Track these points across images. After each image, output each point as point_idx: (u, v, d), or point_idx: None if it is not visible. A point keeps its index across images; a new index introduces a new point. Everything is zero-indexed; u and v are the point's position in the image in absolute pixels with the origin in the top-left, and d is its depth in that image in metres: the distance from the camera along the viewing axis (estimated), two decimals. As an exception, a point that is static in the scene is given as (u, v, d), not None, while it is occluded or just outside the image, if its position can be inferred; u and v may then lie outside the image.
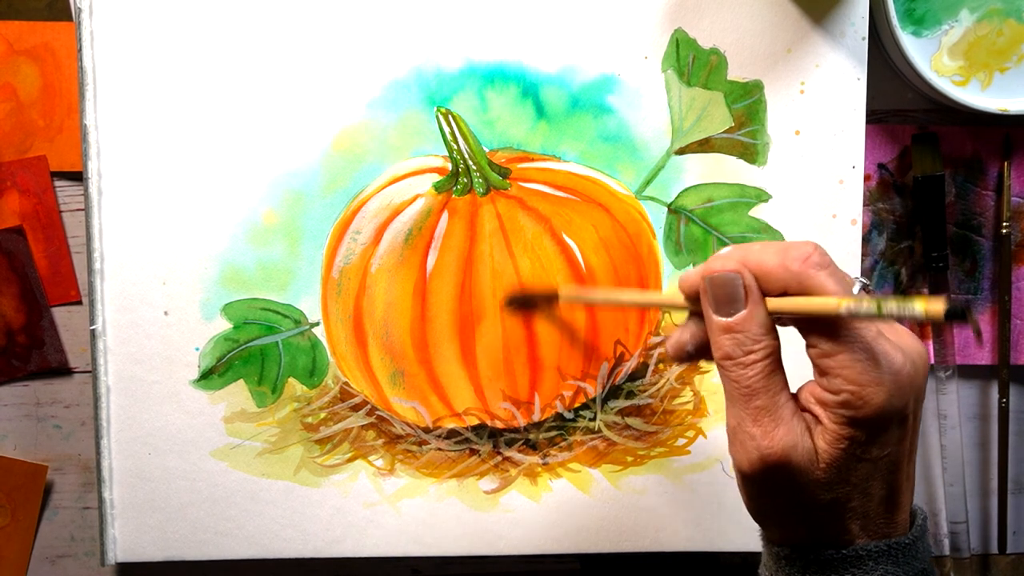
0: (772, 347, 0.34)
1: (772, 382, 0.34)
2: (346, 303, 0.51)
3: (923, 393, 0.34)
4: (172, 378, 0.51)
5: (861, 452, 0.33)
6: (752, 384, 0.34)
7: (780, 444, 0.33)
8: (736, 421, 0.35)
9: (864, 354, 0.32)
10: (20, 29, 0.52)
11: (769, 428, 0.34)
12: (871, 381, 0.32)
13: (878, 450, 0.33)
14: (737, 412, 0.35)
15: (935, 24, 0.51)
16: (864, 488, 0.34)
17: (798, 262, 0.33)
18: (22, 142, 0.52)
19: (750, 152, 0.52)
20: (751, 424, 0.34)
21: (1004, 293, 0.55)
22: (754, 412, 0.34)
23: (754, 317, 0.34)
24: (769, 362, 0.34)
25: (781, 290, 0.34)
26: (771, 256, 0.34)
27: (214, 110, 0.50)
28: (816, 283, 0.33)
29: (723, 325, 0.35)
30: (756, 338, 0.34)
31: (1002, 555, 0.57)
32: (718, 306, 0.35)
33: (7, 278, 0.53)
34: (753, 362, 0.34)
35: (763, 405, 0.34)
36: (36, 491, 0.54)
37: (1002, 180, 0.54)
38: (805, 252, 0.34)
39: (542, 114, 0.51)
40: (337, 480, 0.52)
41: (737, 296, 0.34)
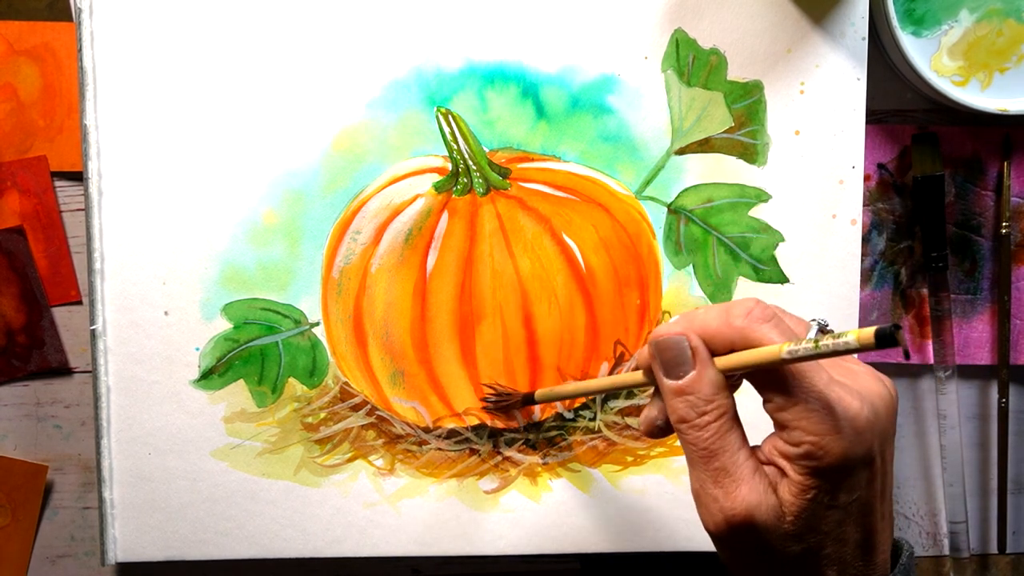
0: (725, 406, 0.34)
1: (728, 441, 0.34)
2: (346, 303, 0.51)
3: (889, 433, 0.34)
4: (172, 378, 0.51)
5: (829, 500, 0.33)
6: (709, 446, 0.34)
7: (743, 504, 0.33)
8: (698, 484, 0.35)
9: (818, 403, 0.32)
10: (20, 29, 0.52)
11: (731, 489, 0.34)
12: (828, 430, 0.32)
13: (846, 496, 0.33)
14: (698, 475, 0.35)
15: (935, 24, 0.51)
16: (837, 535, 0.34)
17: (740, 318, 0.34)
18: (22, 142, 0.52)
19: (750, 152, 0.52)
20: (712, 486, 0.34)
21: (1004, 293, 0.55)
22: (714, 473, 0.34)
23: (703, 377, 0.34)
24: (724, 421, 0.34)
25: (728, 348, 0.34)
26: (714, 316, 0.34)
27: (214, 110, 0.50)
28: (759, 336, 0.33)
29: (674, 388, 0.35)
30: (708, 398, 0.34)
31: (1002, 555, 0.57)
32: (668, 369, 0.35)
33: (7, 278, 0.53)
34: (707, 423, 0.34)
35: (722, 466, 0.34)
36: (36, 491, 0.54)
37: (1002, 180, 0.54)
38: (746, 307, 0.34)
39: (542, 114, 0.51)
40: (337, 480, 0.52)
41: (684, 358, 0.34)
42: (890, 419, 0.34)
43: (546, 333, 0.51)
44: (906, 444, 0.56)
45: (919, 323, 0.55)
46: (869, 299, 0.55)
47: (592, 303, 0.52)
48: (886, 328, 0.28)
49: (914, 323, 0.55)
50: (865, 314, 0.54)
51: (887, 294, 0.55)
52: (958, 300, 0.55)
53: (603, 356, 0.52)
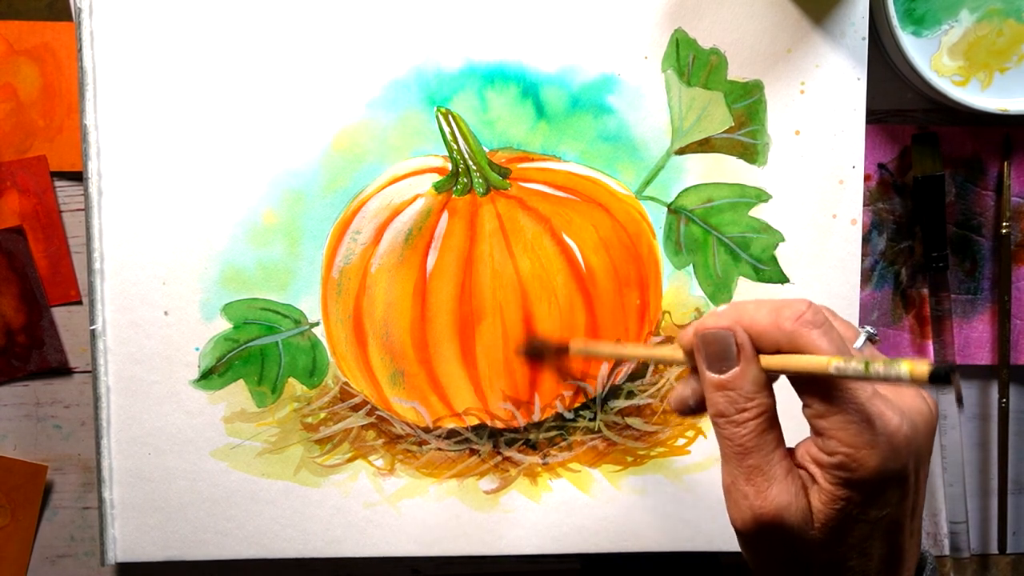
0: (766, 405, 0.34)
1: (765, 440, 0.34)
2: (346, 303, 0.51)
3: (926, 452, 0.34)
4: (172, 378, 0.51)
5: (858, 513, 0.33)
6: (745, 443, 0.34)
7: (773, 503, 0.33)
8: (730, 479, 0.35)
9: (858, 415, 0.32)
10: (20, 29, 0.52)
11: (762, 487, 0.33)
12: (865, 444, 0.32)
13: (876, 511, 0.33)
14: (731, 470, 0.34)
15: (935, 24, 0.51)
16: (862, 549, 0.33)
17: (790, 320, 0.33)
18: (22, 142, 0.52)
19: (750, 152, 0.52)
20: (744, 483, 0.34)
21: (1004, 293, 0.55)
22: (747, 471, 0.34)
23: (747, 374, 0.34)
24: (763, 420, 0.34)
25: (774, 348, 0.34)
26: (764, 314, 0.34)
27: (214, 110, 0.50)
28: (807, 342, 0.33)
29: (716, 382, 0.34)
30: (749, 396, 0.34)
31: (1002, 555, 0.57)
32: (711, 363, 0.35)
33: (7, 278, 0.53)
34: (746, 420, 0.34)
35: (756, 464, 0.34)
36: (36, 491, 0.54)
37: (1002, 180, 0.54)
38: (798, 310, 0.33)
39: (542, 114, 0.51)
40: (337, 480, 0.52)
41: (729, 353, 0.34)
42: (928, 438, 0.34)
43: (546, 333, 0.51)
44: (906, 444, 0.56)
45: (919, 323, 0.55)
46: (869, 299, 0.55)
47: (592, 303, 0.52)
48: (942, 369, 0.28)
49: (914, 323, 0.55)
50: (865, 314, 0.54)
51: (887, 294, 0.55)
52: (958, 300, 0.55)
53: (603, 356, 0.52)
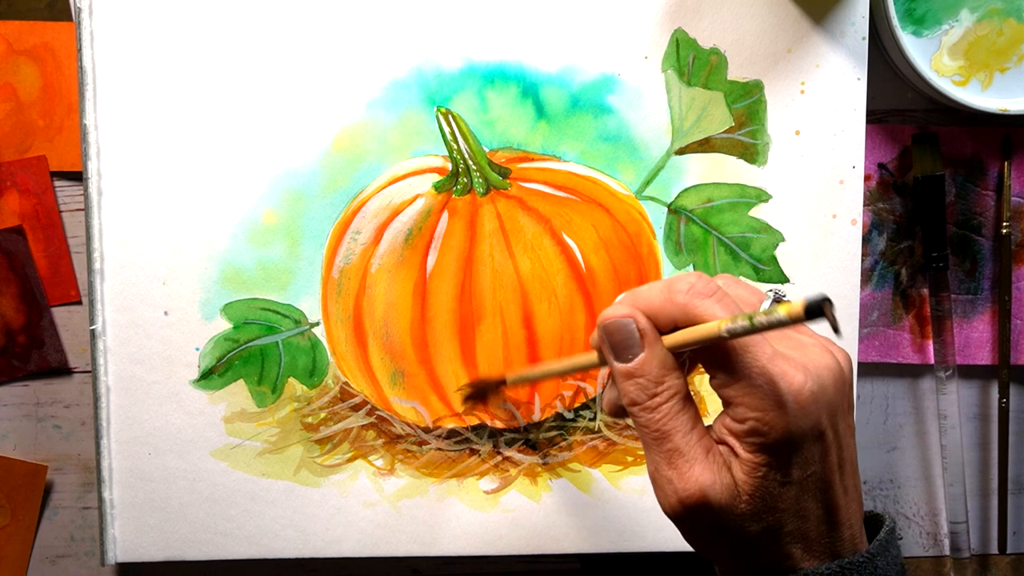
0: (676, 387, 0.34)
1: (681, 422, 0.34)
2: (346, 303, 0.51)
3: (840, 406, 0.34)
4: (172, 378, 0.51)
5: (782, 477, 0.33)
6: (661, 427, 0.34)
7: (696, 484, 0.33)
8: (653, 466, 0.35)
9: (761, 379, 0.32)
10: (20, 29, 0.52)
11: (684, 469, 0.33)
12: (771, 406, 0.32)
13: (799, 471, 0.33)
14: (652, 457, 0.34)
15: (935, 24, 0.51)
16: (796, 511, 0.33)
17: (681, 293, 0.33)
18: (22, 142, 0.52)
19: (750, 152, 0.52)
20: (666, 467, 0.34)
21: (1004, 293, 0.55)
22: (667, 455, 0.34)
23: (652, 358, 0.34)
24: (675, 402, 0.34)
25: (671, 325, 0.34)
26: (657, 293, 0.34)
27: (214, 110, 0.50)
28: (701, 312, 0.33)
29: (624, 371, 0.34)
30: (657, 379, 0.34)
31: (1002, 555, 0.57)
32: (617, 353, 0.35)
33: (7, 278, 0.53)
34: (659, 404, 0.34)
35: (675, 447, 0.34)
36: (36, 491, 0.54)
37: (1002, 180, 0.54)
38: (688, 282, 0.34)
39: (542, 114, 0.51)
40: (337, 480, 0.52)
41: (633, 340, 0.34)
42: (840, 391, 0.33)
43: (546, 333, 0.51)
44: (907, 444, 0.56)
45: (920, 323, 0.55)
46: (869, 299, 0.55)
47: (592, 303, 0.52)
48: (815, 300, 0.28)
49: (914, 323, 0.55)
50: (865, 314, 0.54)
51: (887, 294, 0.55)
52: (959, 300, 0.55)
53: (603, 356, 0.52)
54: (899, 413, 0.56)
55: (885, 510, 0.57)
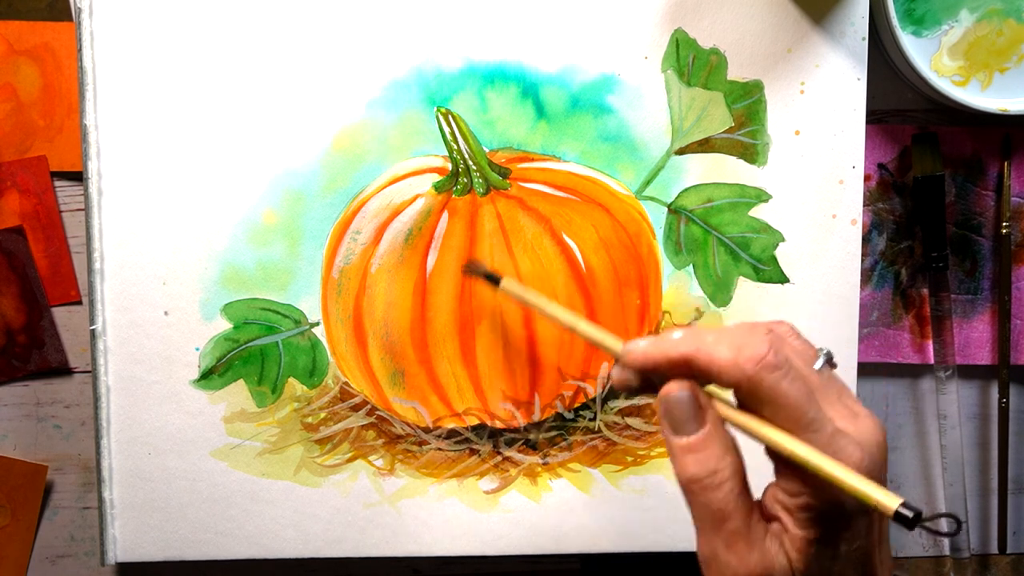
0: (736, 464, 0.33)
1: (742, 502, 0.33)
2: (346, 303, 0.51)
3: (884, 479, 0.33)
4: (172, 378, 0.51)
5: (832, 553, 0.32)
6: (724, 506, 0.32)
7: (757, 570, 0.32)
8: (709, 549, 0.33)
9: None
10: (20, 29, 0.52)
11: (744, 554, 0.32)
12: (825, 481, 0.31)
13: (846, 545, 0.32)
14: (709, 539, 0.33)
15: (935, 24, 0.51)
16: None
17: (751, 363, 0.32)
18: (22, 142, 0.52)
19: (750, 152, 0.52)
20: (725, 551, 0.33)
21: (1004, 293, 0.55)
22: (727, 537, 0.32)
23: (715, 434, 0.33)
24: (738, 481, 0.33)
25: (731, 386, 0.33)
26: (725, 351, 0.32)
27: (214, 110, 0.50)
28: (769, 387, 0.32)
29: (684, 445, 0.33)
30: (720, 455, 0.33)
31: (1002, 555, 0.57)
32: (676, 427, 0.33)
33: (7, 278, 0.53)
34: (722, 482, 0.32)
35: (735, 529, 0.32)
36: (36, 491, 0.54)
37: (1002, 180, 0.54)
38: (759, 353, 0.32)
39: (542, 114, 0.51)
40: (337, 480, 0.52)
41: (692, 414, 0.33)
42: (884, 464, 0.33)
43: (546, 333, 0.51)
44: (906, 444, 0.56)
45: (919, 323, 0.55)
46: (869, 299, 0.55)
47: (592, 303, 0.52)
48: (907, 513, 0.28)
49: (914, 323, 0.55)
50: (865, 314, 0.54)
51: (887, 294, 0.55)
52: (958, 300, 0.55)
53: (603, 356, 0.52)
54: (899, 413, 0.56)
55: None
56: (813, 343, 0.36)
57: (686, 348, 0.33)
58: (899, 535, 0.57)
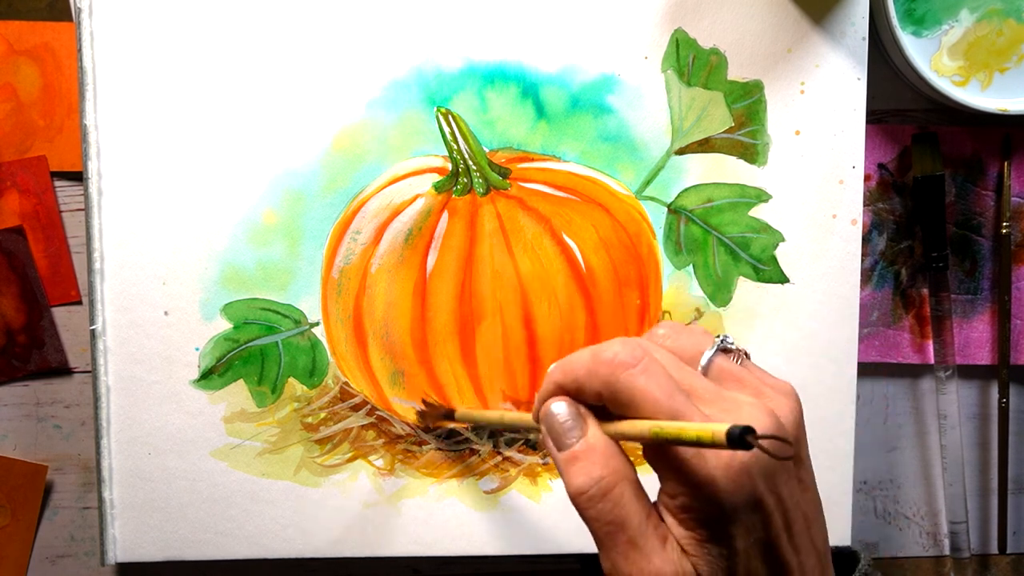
0: (624, 470, 0.32)
1: (633, 510, 0.31)
2: (346, 303, 0.51)
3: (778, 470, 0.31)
4: (172, 378, 0.51)
5: (726, 552, 0.31)
6: (614, 517, 0.31)
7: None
8: (608, 563, 0.32)
9: (689, 451, 0.30)
10: (20, 29, 0.52)
11: (642, 564, 0.31)
12: (701, 481, 0.30)
13: (742, 541, 0.31)
14: (607, 554, 0.32)
15: (935, 24, 0.51)
16: None
17: (605, 365, 0.31)
18: (22, 142, 0.52)
19: (750, 152, 0.52)
20: (623, 562, 0.31)
21: (1004, 293, 0.55)
22: (624, 549, 0.31)
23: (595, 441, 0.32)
24: (625, 486, 0.32)
25: (597, 399, 0.32)
26: (582, 364, 0.32)
27: (214, 110, 0.50)
28: (623, 386, 0.31)
29: (567, 458, 0.32)
30: (602, 463, 0.32)
31: (1002, 555, 0.57)
32: (557, 441, 0.33)
33: (7, 278, 0.53)
34: (607, 490, 0.31)
35: (630, 539, 0.31)
36: (36, 491, 0.54)
37: (1002, 180, 0.54)
38: (612, 352, 0.31)
39: (542, 114, 0.51)
40: (337, 480, 0.52)
41: (572, 424, 0.32)
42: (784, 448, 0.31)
43: (546, 333, 0.51)
44: (907, 444, 0.56)
45: (919, 323, 0.55)
46: (869, 299, 0.55)
47: (592, 303, 0.52)
48: (737, 432, 0.27)
49: (914, 323, 0.55)
50: (865, 314, 0.54)
51: (887, 294, 0.55)
52: (958, 300, 0.55)
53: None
54: (899, 413, 0.56)
55: (900, 534, 0.57)
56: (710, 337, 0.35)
57: (555, 377, 0.33)
58: (899, 535, 0.57)
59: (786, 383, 0.34)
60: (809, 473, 0.33)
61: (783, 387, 0.34)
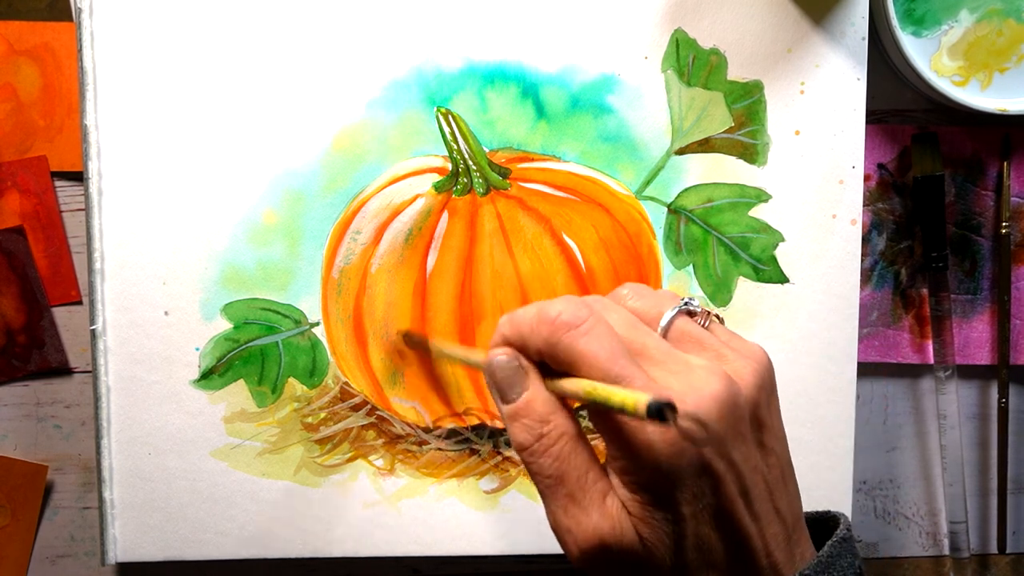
0: (563, 426, 0.32)
1: (572, 465, 0.31)
2: (346, 303, 0.51)
3: (729, 435, 0.30)
4: (172, 378, 0.51)
5: (672, 515, 0.30)
6: (553, 472, 0.31)
7: (594, 533, 0.31)
8: (552, 517, 0.32)
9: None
10: (20, 29, 0.52)
11: (580, 517, 0.31)
12: (640, 444, 0.29)
13: (688, 507, 0.30)
14: (549, 507, 0.32)
15: (935, 24, 0.51)
16: (697, 545, 0.31)
17: (547, 324, 0.31)
18: (22, 142, 0.52)
19: (750, 152, 0.52)
20: (562, 516, 0.31)
21: (1004, 293, 0.55)
22: (563, 503, 0.31)
23: (536, 397, 0.32)
24: (564, 443, 0.31)
25: (539, 355, 0.32)
26: (528, 319, 0.32)
27: (214, 110, 0.50)
28: (565, 347, 0.31)
29: (509, 412, 0.32)
30: (543, 418, 0.31)
31: (1001, 555, 0.57)
32: (502, 392, 0.33)
33: (7, 278, 0.53)
34: (548, 445, 0.31)
35: (570, 492, 0.31)
36: (36, 491, 0.54)
37: (1001, 180, 0.54)
38: (556, 310, 0.31)
39: (542, 114, 0.51)
40: (337, 480, 0.52)
41: (514, 379, 0.32)
42: (724, 419, 0.30)
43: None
44: (906, 444, 0.56)
45: (919, 323, 0.55)
46: (869, 299, 0.55)
47: (592, 303, 0.51)
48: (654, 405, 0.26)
49: (914, 323, 0.55)
50: (865, 314, 0.54)
51: (887, 294, 0.55)
52: (958, 300, 0.55)
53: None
54: (898, 413, 0.56)
55: (900, 534, 0.57)
56: (672, 299, 0.34)
57: (503, 330, 0.33)
58: (898, 535, 0.57)
59: (755, 346, 0.33)
60: (775, 438, 0.32)
61: (749, 349, 0.33)
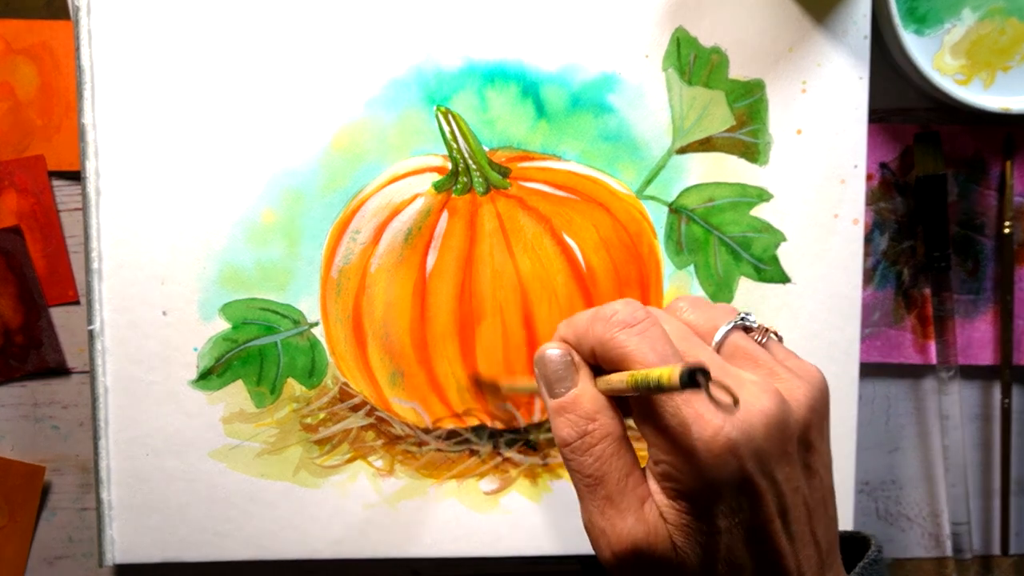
0: (608, 427, 0.32)
1: (614, 467, 0.31)
2: (345, 303, 0.51)
3: (773, 453, 0.30)
4: (170, 378, 0.51)
5: (707, 526, 0.30)
6: (594, 471, 0.31)
7: (629, 537, 0.30)
8: (586, 515, 0.32)
9: (674, 420, 0.29)
10: (18, 28, 0.52)
11: (616, 520, 0.31)
12: (682, 451, 0.29)
13: (725, 520, 0.30)
14: (586, 506, 0.32)
15: (937, 23, 0.51)
16: (729, 560, 0.30)
17: (602, 322, 0.31)
18: (20, 141, 0.52)
19: (751, 151, 0.51)
20: (598, 517, 0.31)
21: (1006, 293, 0.54)
22: (601, 504, 0.31)
23: (584, 394, 0.32)
24: (609, 443, 0.31)
25: (591, 356, 0.32)
26: (584, 320, 0.32)
27: (212, 109, 0.50)
28: (616, 344, 0.31)
29: (555, 406, 0.32)
30: (589, 416, 0.32)
31: (1004, 556, 0.57)
32: (549, 387, 0.33)
33: (4, 278, 0.53)
34: (590, 446, 0.31)
35: (607, 495, 0.31)
36: (34, 492, 0.54)
37: (1004, 180, 0.54)
38: (612, 310, 0.31)
39: (542, 113, 0.51)
40: (336, 481, 0.52)
41: (563, 373, 0.32)
42: (773, 437, 0.30)
43: (546, 333, 0.51)
44: (909, 445, 0.56)
45: (921, 323, 0.55)
46: (871, 299, 0.54)
47: (593, 303, 0.51)
48: (686, 371, 0.26)
49: (916, 323, 0.55)
50: (867, 314, 0.54)
51: (889, 294, 0.55)
52: (961, 300, 0.55)
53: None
54: (901, 414, 0.56)
55: (903, 535, 0.56)
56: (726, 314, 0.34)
57: (560, 331, 0.34)
58: (901, 536, 0.57)
59: (812, 366, 0.33)
60: (822, 462, 0.32)
61: (805, 369, 0.33)
